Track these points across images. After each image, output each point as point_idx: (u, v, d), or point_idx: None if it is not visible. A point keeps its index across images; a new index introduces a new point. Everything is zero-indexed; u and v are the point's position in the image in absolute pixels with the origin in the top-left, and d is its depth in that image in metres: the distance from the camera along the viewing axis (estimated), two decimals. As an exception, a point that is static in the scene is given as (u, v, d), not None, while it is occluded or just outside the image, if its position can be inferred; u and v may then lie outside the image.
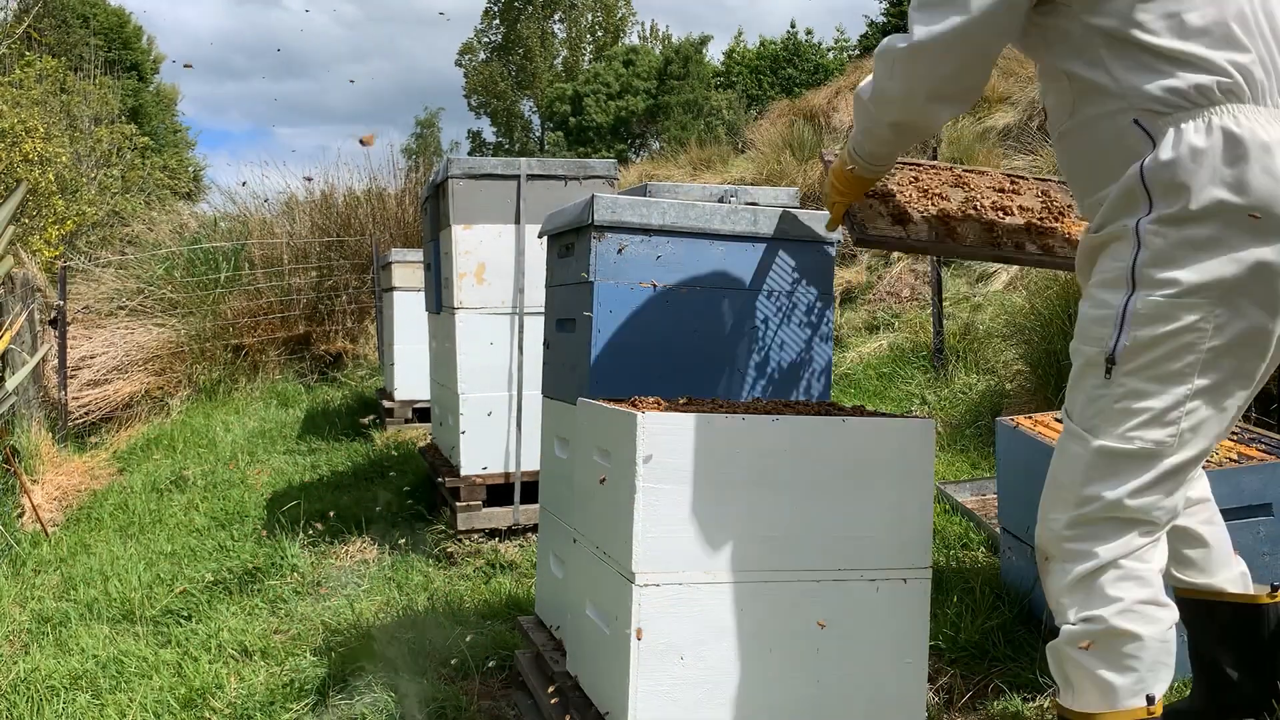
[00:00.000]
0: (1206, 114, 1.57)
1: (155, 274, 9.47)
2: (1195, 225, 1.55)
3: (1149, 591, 1.65)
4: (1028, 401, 4.70)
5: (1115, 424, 1.62)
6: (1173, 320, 1.56)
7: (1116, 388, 1.61)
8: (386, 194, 10.65)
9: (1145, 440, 1.61)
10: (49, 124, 12.50)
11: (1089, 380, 1.66)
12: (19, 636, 3.52)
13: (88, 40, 23.03)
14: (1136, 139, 1.61)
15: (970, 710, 2.43)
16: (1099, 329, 1.63)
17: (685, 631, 1.83)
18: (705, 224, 2.31)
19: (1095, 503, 1.65)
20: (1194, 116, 1.57)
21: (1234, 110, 1.56)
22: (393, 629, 3.18)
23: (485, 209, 3.99)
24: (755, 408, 1.87)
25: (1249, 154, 1.54)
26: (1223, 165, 1.54)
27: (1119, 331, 1.60)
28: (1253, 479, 2.46)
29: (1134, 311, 1.58)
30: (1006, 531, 2.97)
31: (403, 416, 6.64)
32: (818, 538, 1.88)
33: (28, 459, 5.92)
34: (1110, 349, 1.61)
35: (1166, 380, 1.59)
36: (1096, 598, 1.66)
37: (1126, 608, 1.64)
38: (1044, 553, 1.74)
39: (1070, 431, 1.70)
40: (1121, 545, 1.65)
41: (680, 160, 13.61)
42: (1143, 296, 1.58)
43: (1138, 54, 1.60)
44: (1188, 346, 1.57)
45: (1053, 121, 1.79)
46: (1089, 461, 1.65)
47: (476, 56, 39.62)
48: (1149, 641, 1.64)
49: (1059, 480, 1.71)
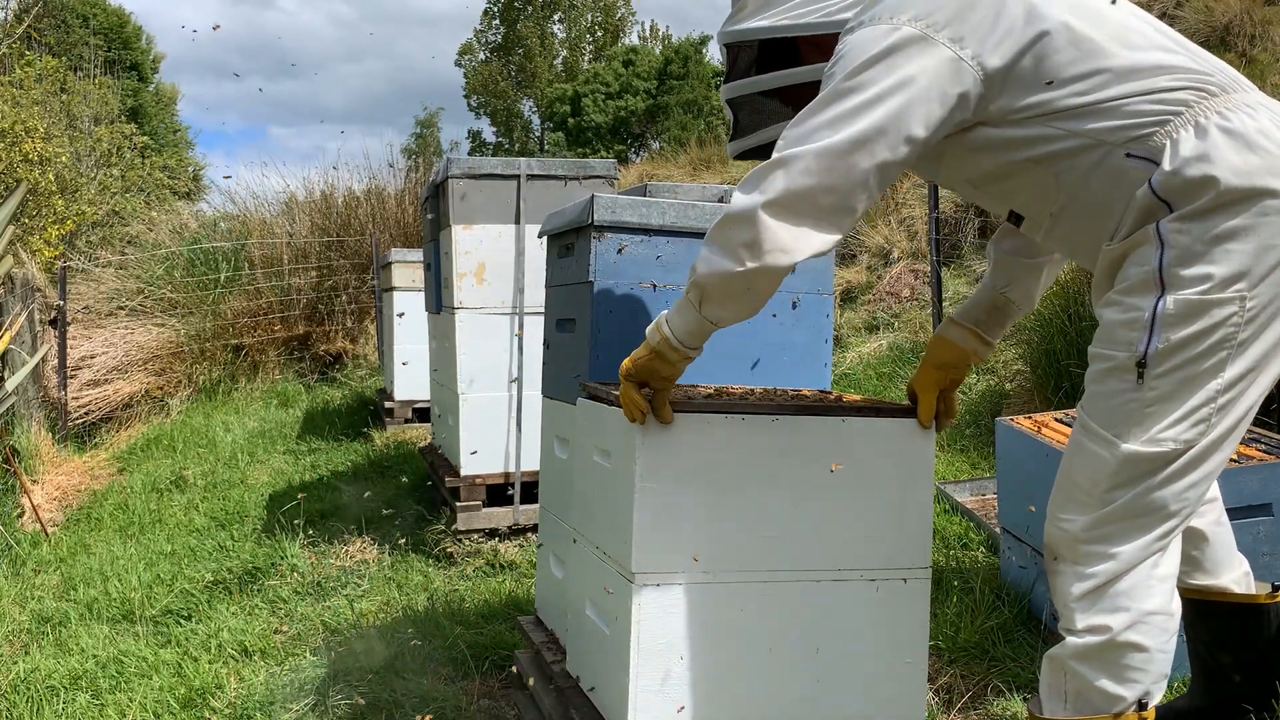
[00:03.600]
0: (1191, 116, 1.57)
1: (155, 274, 9.47)
2: (1218, 216, 1.53)
3: (1158, 602, 1.63)
4: (1028, 401, 4.70)
5: (1145, 427, 1.59)
6: (1207, 317, 1.54)
7: (1148, 391, 1.58)
8: (386, 194, 10.64)
9: (1177, 441, 1.58)
10: (49, 124, 12.49)
11: (1114, 384, 1.62)
12: (19, 636, 3.52)
13: (88, 40, 23.02)
14: (1136, 168, 1.59)
15: (970, 710, 2.44)
16: (1127, 332, 1.59)
17: (685, 631, 1.83)
18: (705, 224, 2.31)
19: (1117, 504, 1.62)
20: (1182, 125, 1.56)
21: (1214, 106, 1.57)
22: (393, 629, 3.18)
23: (485, 209, 3.99)
24: (758, 406, 1.87)
25: (1249, 141, 1.54)
26: (1230, 155, 1.53)
27: (1150, 334, 1.56)
28: (1253, 479, 2.47)
29: (1165, 312, 1.55)
30: (1006, 531, 2.97)
31: (402, 416, 6.64)
32: (818, 538, 1.88)
33: (28, 459, 5.92)
34: (1141, 352, 1.57)
35: (1199, 379, 1.56)
36: (1105, 606, 1.63)
37: (1136, 619, 1.62)
38: (1053, 552, 1.71)
39: (1090, 433, 1.65)
40: (1140, 548, 1.62)
41: (680, 160, 13.62)
42: (1174, 296, 1.55)
43: (1091, 110, 1.60)
44: (1222, 341, 1.55)
45: (1036, 215, 1.73)
46: (1116, 466, 1.61)
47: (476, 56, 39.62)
48: (1155, 653, 1.63)
49: (1076, 481, 1.68)
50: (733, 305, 1.70)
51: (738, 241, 1.63)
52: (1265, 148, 1.54)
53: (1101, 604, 1.64)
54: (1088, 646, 1.64)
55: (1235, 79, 1.64)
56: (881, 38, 1.61)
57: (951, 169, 1.78)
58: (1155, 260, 1.56)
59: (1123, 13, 1.67)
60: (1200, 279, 1.54)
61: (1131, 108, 1.58)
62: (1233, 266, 1.53)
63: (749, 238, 1.62)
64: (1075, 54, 1.59)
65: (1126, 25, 1.64)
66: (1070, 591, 1.67)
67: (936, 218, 6.03)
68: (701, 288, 1.69)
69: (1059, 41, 1.59)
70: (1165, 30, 1.70)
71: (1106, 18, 1.63)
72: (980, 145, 1.68)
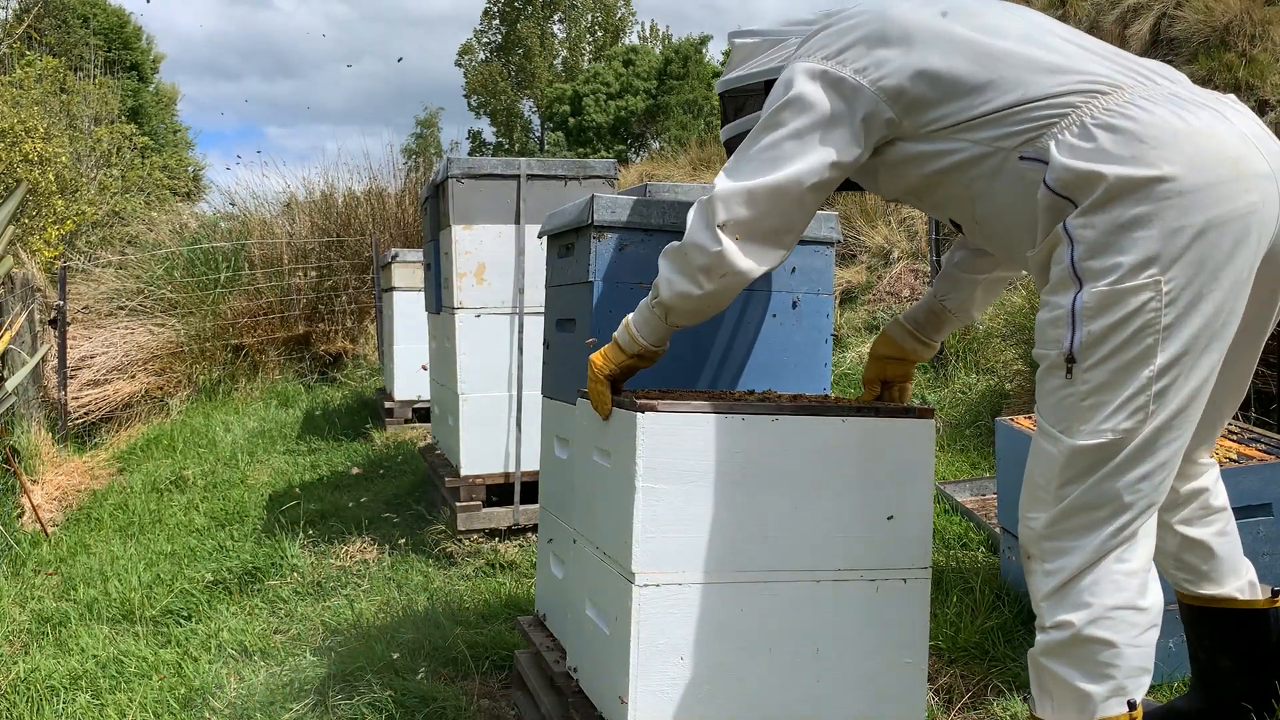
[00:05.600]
0: (1077, 116, 1.62)
1: (155, 274, 9.47)
2: (1118, 206, 1.56)
3: (1123, 596, 1.63)
4: (1027, 401, 4.70)
5: (1085, 420, 1.62)
6: (1123, 305, 1.56)
7: (1080, 385, 1.61)
8: (386, 194, 10.65)
9: (1116, 431, 1.60)
10: (49, 124, 12.49)
11: (1052, 382, 1.66)
12: (19, 636, 3.52)
13: (88, 40, 23.03)
14: (1031, 169, 1.66)
15: (970, 710, 2.44)
16: (1054, 330, 1.64)
17: (685, 631, 1.83)
18: (705, 224, 2.31)
19: (1070, 499, 1.64)
20: (1068, 126, 1.62)
21: (1103, 104, 1.61)
22: (393, 629, 3.18)
23: (485, 209, 3.99)
24: (758, 406, 1.87)
25: (1134, 133, 1.57)
26: (1112, 148, 1.57)
27: (1072, 330, 1.60)
28: (1253, 479, 2.47)
29: (1083, 306, 1.59)
30: (1006, 531, 2.97)
31: (402, 416, 6.64)
32: (817, 538, 1.88)
33: (28, 459, 5.92)
34: (1067, 348, 1.61)
35: (1129, 367, 1.58)
36: (1069, 602, 1.64)
37: (1099, 614, 1.62)
38: (1025, 552, 1.74)
39: (1043, 431, 1.69)
40: (1099, 543, 1.63)
41: (680, 160, 13.63)
42: (1089, 290, 1.58)
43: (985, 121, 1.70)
44: (1144, 328, 1.56)
45: (966, 224, 1.85)
46: (1064, 461, 1.64)
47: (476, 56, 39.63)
48: (1124, 648, 1.62)
49: (1035, 480, 1.71)
50: (696, 317, 1.93)
51: (695, 266, 1.84)
52: (1155, 137, 1.56)
53: (1066, 600, 1.65)
54: (1054, 643, 1.66)
55: (1148, 75, 1.68)
56: (801, 75, 1.80)
57: (886, 184, 1.92)
58: (1068, 257, 1.61)
59: (1025, 23, 1.77)
60: (1110, 269, 1.57)
61: (1022, 114, 1.67)
62: (1141, 253, 1.55)
63: (704, 263, 1.82)
64: (972, 68, 1.71)
65: (1028, 36, 1.73)
66: (1039, 589, 1.70)
67: (936, 218, 6.02)
68: (667, 307, 1.90)
69: (957, 58, 1.72)
70: (1074, 36, 1.78)
71: (1007, 30, 1.74)
72: (900, 160, 1.82)
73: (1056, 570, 1.66)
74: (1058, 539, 1.67)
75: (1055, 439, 1.66)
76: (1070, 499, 1.65)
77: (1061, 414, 1.65)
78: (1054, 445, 1.66)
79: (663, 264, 1.90)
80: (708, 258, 1.81)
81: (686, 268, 1.84)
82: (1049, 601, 1.67)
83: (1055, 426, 1.66)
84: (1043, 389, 1.69)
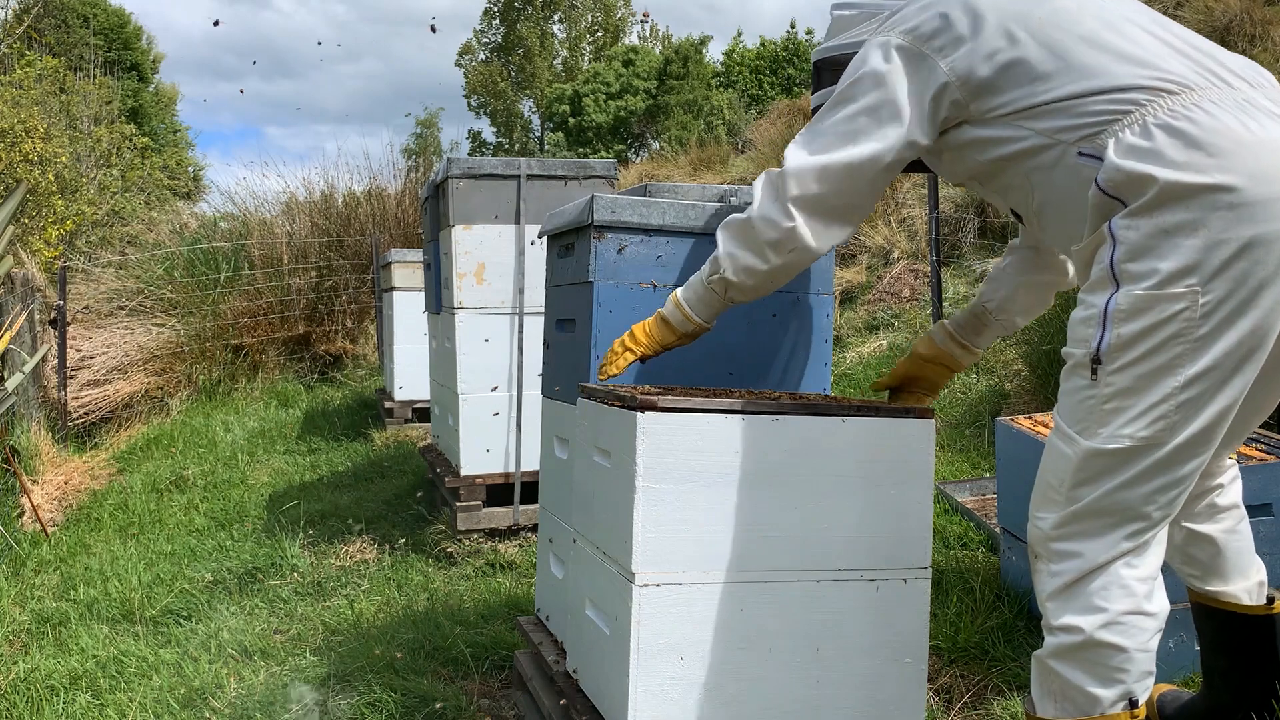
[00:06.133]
0: (1139, 115, 1.58)
1: (155, 274, 9.46)
2: (1165, 212, 1.53)
3: (1133, 601, 1.62)
4: (1028, 401, 4.70)
5: (1104, 424, 1.60)
6: (1156, 311, 1.53)
7: (1104, 387, 1.59)
8: (386, 194, 10.64)
9: (1135, 438, 1.58)
10: (49, 124, 12.49)
11: (1076, 381, 1.64)
12: (19, 636, 3.52)
13: (88, 40, 23.03)
14: (1087, 165, 1.63)
15: (970, 710, 2.44)
16: (1084, 329, 1.62)
17: (685, 631, 1.83)
18: (705, 224, 2.31)
19: (1082, 502, 1.63)
20: (1129, 124, 1.59)
21: (1167, 104, 1.58)
22: (393, 629, 3.18)
23: (485, 209, 3.99)
24: (758, 406, 1.87)
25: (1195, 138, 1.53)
26: (1171, 152, 1.54)
27: (1103, 330, 1.58)
28: (1253, 479, 2.46)
29: (1115, 308, 1.56)
30: (1006, 531, 2.97)
31: (402, 416, 6.64)
32: (817, 538, 1.88)
33: (28, 459, 5.92)
34: (1095, 348, 1.59)
35: (1155, 375, 1.55)
36: (1078, 606, 1.63)
37: (1111, 619, 1.61)
38: (1033, 551, 1.73)
39: (1060, 431, 1.68)
40: (1108, 546, 1.62)
41: (680, 160, 13.62)
42: (1124, 292, 1.56)
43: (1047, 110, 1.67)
44: (1175, 337, 1.53)
45: (1027, 214, 1.84)
46: (1078, 463, 1.63)
47: (476, 56, 39.63)
48: (1134, 653, 1.62)
49: (1047, 480, 1.70)
50: (756, 293, 1.95)
51: (764, 241, 1.85)
52: (1215, 144, 1.52)
53: (1074, 603, 1.64)
54: (1063, 646, 1.65)
55: (1224, 77, 1.63)
56: (877, 49, 1.79)
57: (950, 167, 1.90)
58: (1108, 257, 1.58)
59: (1102, 9, 1.71)
60: (1148, 274, 1.54)
61: (1085, 107, 1.64)
62: (1181, 261, 1.52)
63: (775, 238, 1.84)
64: (1041, 54, 1.68)
65: (1105, 23, 1.68)
66: (1045, 589, 1.69)
67: (936, 218, 6.03)
68: (728, 282, 1.91)
69: (1029, 44, 1.69)
70: (1155, 26, 1.70)
71: (1081, 17, 1.70)
72: (965, 144, 1.80)
73: (1061, 571, 1.65)
74: (1065, 540, 1.66)
75: (1071, 440, 1.64)
76: (1083, 502, 1.63)
77: (1081, 415, 1.63)
78: (1069, 446, 1.64)
79: (724, 238, 1.89)
80: (779, 232, 1.82)
81: (753, 242, 1.85)
82: (1054, 602, 1.66)
83: (1073, 427, 1.64)
84: (1065, 388, 1.67)
